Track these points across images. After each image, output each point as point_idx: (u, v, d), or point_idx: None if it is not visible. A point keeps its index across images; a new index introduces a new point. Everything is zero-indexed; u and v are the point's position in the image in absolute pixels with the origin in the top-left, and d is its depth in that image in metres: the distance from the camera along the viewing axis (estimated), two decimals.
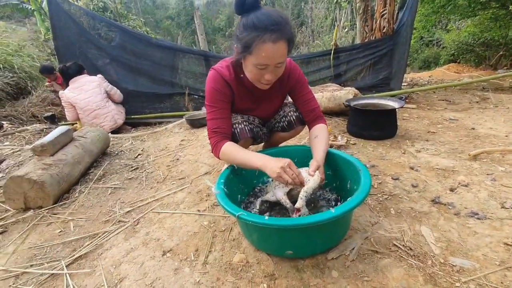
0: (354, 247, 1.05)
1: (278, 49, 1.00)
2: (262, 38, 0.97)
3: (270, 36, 0.97)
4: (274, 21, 0.98)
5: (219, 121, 1.23)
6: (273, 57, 1.02)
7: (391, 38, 3.49)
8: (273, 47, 0.99)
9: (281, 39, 0.99)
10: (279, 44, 1.00)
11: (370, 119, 2.12)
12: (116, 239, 1.28)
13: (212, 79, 1.22)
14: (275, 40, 0.98)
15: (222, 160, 1.23)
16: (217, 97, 1.22)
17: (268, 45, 0.98)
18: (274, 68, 1.07)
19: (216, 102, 1.22)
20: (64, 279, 1.07)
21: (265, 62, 1.03)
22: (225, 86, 1.22)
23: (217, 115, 1.23)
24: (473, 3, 5.68)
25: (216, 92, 1.21)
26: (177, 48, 3.90)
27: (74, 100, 3.00)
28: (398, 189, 1.43)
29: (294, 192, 1.13)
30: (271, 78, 1.10)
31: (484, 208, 1.20)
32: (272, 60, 1.03)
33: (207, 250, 1.13)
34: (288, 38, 1.02)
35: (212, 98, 1.22)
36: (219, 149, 1.19)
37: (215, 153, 1.22)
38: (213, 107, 1.22)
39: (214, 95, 1.22)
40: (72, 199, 1.70)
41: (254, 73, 1.10)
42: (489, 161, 1.63)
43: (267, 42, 0.98)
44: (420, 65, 11.28)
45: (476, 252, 0.98)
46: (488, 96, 3.54)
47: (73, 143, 1.97)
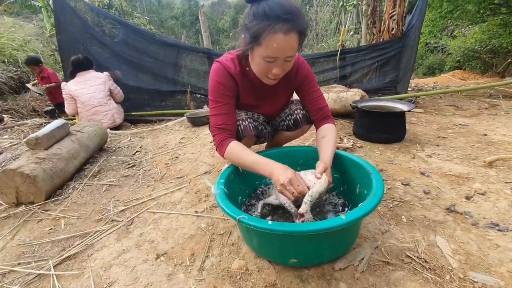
0: (363, 257, 0.96)
1: (289, 41, 0.93)
2: (273, 28, 0.90)
3: (282, 27, 0.90)
4: (287, 11, 0.90)
5: (224, 117, 1.14)
6: (284, 49, 0.94)
7: (399, 40, 3.41)
8: (284, 38, 0.91)
9: (293, 31, 0.92)
10: (290, 35, 0.92)
11: (378, 121, 2.03)
12: (108, 240, 1.20)
13: (216, 72, 1.14)
14: (287, 31, 0.91)
15: (226, 159, 1.14)
16: (222, 91, 1.14)
17: (279, 36, 0.91)
18: (283, 61, 0.99)
19: (220, 97, 1.14)
20: (51, 280, 1.00)
21: (274, 55, 0.96)
22: (230, 79, 1.14)
23: (221, 110, 1.15)
24: (482, 9, 5.59)
25: (221, 85, 1.13)
26: (181, 45, 3.85)
27: (77, 93, 2.96)
28: (409, 195, 1.34)
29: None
30: (279, 73, 1.02)
31: (505, 219, 1.11)
32: (282, 53, 0.95)
33: (204, 255, 1.05)
34: (300, 30, 0.94)
35: (216, 92, 1.14)
36: (225, 147, 1.11)
37: (220, 152, 1.13)
38: (218, 102, 1.14)
39: (219, 89, 1.14)
40: (65, 195, 1.63)
41: (261, 66, 1.02)
42: (506, 169, 1.54)
43: (278, 32, 0.90)
44: (424, 71, 11.18)
45: (499, 267, 0.89)
46: (498, 102, 3.44)
47: (69, 138, 1.90)
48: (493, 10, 5.93)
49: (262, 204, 1.14)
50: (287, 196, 0.95)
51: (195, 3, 22.96)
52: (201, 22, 5.49)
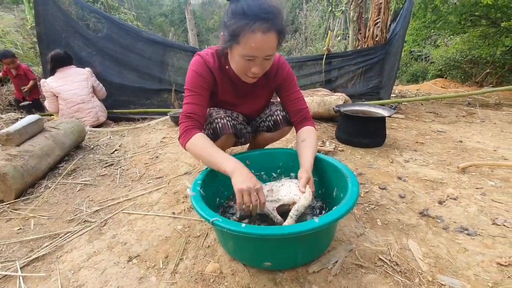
0: (337, 260, 0.97)
1: (268, 40, 0.92)
2: (251, 27, 0.89)
3: (260, 26, 0.89)
4: (265, 10, 0.90)
5: (195, 106, 1.12)
6: (262, 49, 0.94)
7: (383, 47, 3.50)
8: (263, 37, 0.91)
9: (272, 30, 0.92)
10: (269, 34, 0.92)
11: (359, 126, 2.07)
12: (79, 241, 1.16)
13: (195, 64, 1.13)
14: (266, 30, 0.90)
15: (187, 150, 1.09)
16: (198, 81, 1.12)
17: (257, 35, 0.90)
18: (262, 60, 0.99)
19: (195, 87, 1.12)
20: (17, 282, 0.96)
21: (253, 54, 0.95)
22: (208, 73, 1.13)
23: (195, 100, 1.12)
24: (463, 20, 5.83)
25: (198, 76, 1.12)
26: (168, 43, 3.78)
27: (58, 90, 2.83)
28: (385, 199, 1.37)
29: (284, 207, 1.03)
30: (258, 71, 1.02)
31: (474, 223, 1.15)
32: (261, 52, 0.95)
33: (178, 258, 1.02)
34: (279, 29, 0.94)
35: (192, 82, 1.12)
36: (189, 137, 1.06)
37: (183, 141, 1.08)
38: (192, 91, 1.12)
39: (195, 79, 1.12)
40: (36, 194, 1.56)
41: (240, 65, 1.01)
42: (478, 175, 1.59)
43: (257, 32, 0.90)
44: (408, 78, 11.52)
45: (466, 271, 0.91)
46: (474, 111, 3.58)
47: (43, 134, 1.82)
48: (473, 22, 6.19)
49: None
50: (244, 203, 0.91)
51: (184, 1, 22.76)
52: (188, 20, 5.44)
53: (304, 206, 0.97)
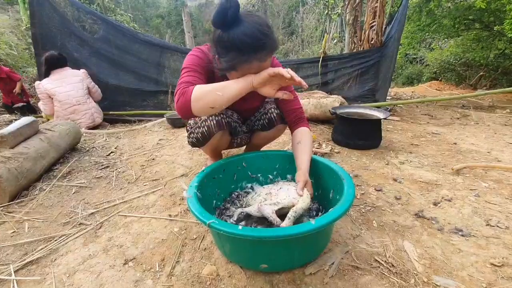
0: (334, 261, 0.98)
1: (265, 64, 0.96)
2: (248, 60, 0.92)
3: (256, 56, 0.91)
4: (257, 38, 0.89)
5: (194, 78, 1.04)
6: (260, 70, 0.96)
7: (378, 50, 3.53)
8: (260, 65, 0.94)
9: (268, 53, 0.94)
10: (267, 60, 0.96)
11: (355, 128, 2.08)
12: (74, 244, 1.15)
13: (195, 51, 1.13)
14: (261, 58, 0.93)
15: (196, 108, 0.95)
16: (198, 63, 1.09)
17: (255, 64, 0.93)
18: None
19: (194, 65, 1.08)
20: (11, 286, 0.94)
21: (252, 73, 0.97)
22: (208, 63, 1.11)
23: (193, 75, 1.05)
24: (457, 24, 5.91)
25: (198, 58, 1.10)
26: (165, 45, 3.77)
27: (53, 91, 2.80)
28: (381, 200, 1.38)
29: (284, 210, 1.02)
30: None
31: (469, 224, 1.16)
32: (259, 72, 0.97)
33: (175, 260, 1.02)
34: (273, 49, 0.95)
35: (191, 63, 1.08)
36: (190, 93, 0.94)
37: (185, 99, 0.94)
38: (191, 69, 1.06)
39: (196, 61, 1.09)
40: (30, 196, 1.54)
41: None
42: (472, 177, 1.61)
43: (254, 63, 0.93)
44: (403, 81, 11.62)
45: (461, 271, 0.92)
46: (469, 113, 3.63)
47: (38, 136, 1.80)
48: (467, 25, 6.28)
49: (239, 213, 1.10)
50: (289, 75, 0.90)
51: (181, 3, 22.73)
52: (185, 22, 5.45)
53: (303, 209, 0.97)
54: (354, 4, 3.87)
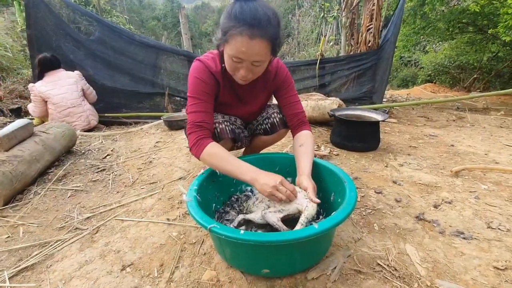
0: (336, 266, 0.96)
1: (254, 46, 0.92)
2: (238, 29, 0.90)
3: (247, 30, 0.90)
4: (256, 16, 0.89)
5: (203, 114, 1.11)
6: (248, 53, 0.94)
7: (375, 52, 3.55)
8: (249, 42, 0.91)
9: (259, 37, 0.91)
10: (256, 41, 0.91)
11: (354, 130, 2.08)
12: (70, 250, 1.12)
13: (196, 69, 1.12)
14: (253, 36, 0.90)
15: (202, 161, 1.09)
16: (202, 88, 1.11)
17: (244, 38, 0.91)
18: (250, 65, 0.99)
19: (200, 94, 1.11)
20: None
21: (238, 55, 0.95)
22: (211, 77, 1.13)
23: (201, 107, 1.11)
24: (451, 27, 5.97)
25: (201, 82, 1.11)
26: (161, 47, 3.75)
27: (47, 94, 2.75)
28: (382, 203, 1.37)
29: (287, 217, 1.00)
30: (245, 75, 1.02)
31: (470, 227, 1.16)
32: (247, 56, 0.95)
33: (174, 266, 1.00)
34: (269, 38, 0.93)
35: (196, 89, 1.11)
36: (203, 147, 1.06)
37: (197, 151, 1.08)
38: (197, 99, 1.11)
39: (199, 85, 1.11)
40: (25, 200, 1.50)
41: (229, 64, 1.02)
42: (471, 178, 1.62)
43: (244, 35, 0.90)
44: (399, 83, 11.72)
45: (464, 275, 0.92)
46: (464, 115, 3.66)
47: (33, 139, 1.77)
48: (461, 29, 6.34)
49: (241, 219, 1.06)
50: (280, 199, 0.95)
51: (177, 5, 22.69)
52: (182, 24, 5.43)
53: (312, 215, 0.96)
54: (350, 7, 3.89)
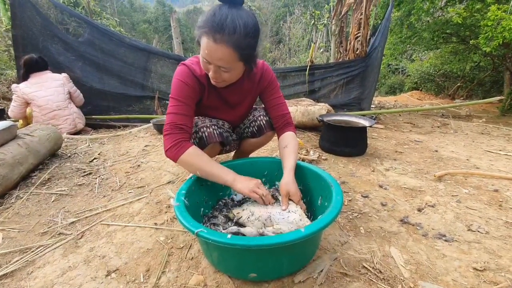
0: (322, 269, 0.97)
1: (217, 50, 0.93)
2: (206, 33, 0.92)
3: (214, 35, 0.91)
4: (222, 24, 0.90)
5: (185, 117, 1.10)
6: (212, 56, 0.95)
7: (363, 60, 3.63)
8: (213, 45, 0.92)
9: (224, 43, 0.91)
10: (220, 46, 0.92)
11: (342, 135, 2.12)
12: (53, 255, 1.09)
13: (181, 73, 1.12)
14: (217, 40, 0.91)
15: (180, 163, 1.08)
16: (186, 91, 1.11)
17: (209, 40, 0.92)
18: (217, 68, 1.00)
19: (182, 96, 1.11)
20: None
21: (205, 57, 0.97)
22: (195, 81, 1.13)
23: (183, 110, 1.10)
24: (436, 37, 6.17)
25: (185, 85, 1.11)
26: (152, 50, 3.73)
27: (32, 96, 2.67)
28: (368, 207, 1.40)
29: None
30: (213, 76, 1.03)
31: (451, 230, 1.20)
32: (211, 58, 0.96)
33: (160, 271, 0.99)
34: (233, 46, 0.92)
35: (179, 92, 1.11)
36: (183, 150, 1.06)
37: (175, 154, 1.06)
38: (179, 101, 1.10)
39: (183, 88, 1.11)
40: (6, 205, 1.46)
41: (202, 64, 1.04)
42: (453, 183, 1.67)
43: (209, 37, 0.92)
44: (386, 90, 12.01)
45: (445, 276, 0.94)
46: (448, 122, 3.78)
47: (16, 141, 1.72)
48: (445, 39, 6.57)
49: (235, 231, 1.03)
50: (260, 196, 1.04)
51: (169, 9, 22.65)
52: (173, 28, 5.42)
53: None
54: (340, 16, 3.99)
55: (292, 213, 1.02)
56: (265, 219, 1.05)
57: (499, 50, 4.97)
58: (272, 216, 1.04)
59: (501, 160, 2.12)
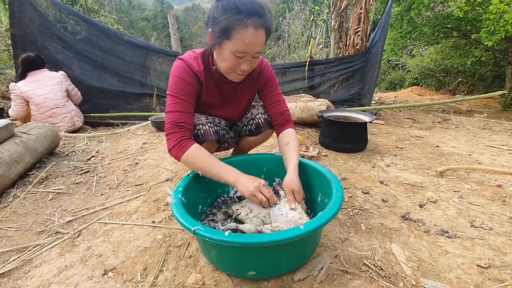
0: (322, 266, 0.96)
1: (259, 36, 0.94)
2: (245, 22, 0.90)
3: (253, 21, 0.90)
4: (257, 6, 0.91)
5: (185, 115, 1.09)
6: (254, 45, 0.94)
7: (363, 55, 3.60)
8: (255, 33, 0.92)
9: (263, 27, 0.93)
10: (260, 31, 0.93)
11: (342, 131, 2.10)
12: (49, 254, 1.08)
13: (178, 69, 1.10)
14: (258, 26, 0.92)
15: (183, 162, 1.07)
16: (184, 87, 1.09)
17: (250, 30, 0.91)
18: (251, 58, 0.99)
19: (182, 93, 1.09)
20: None
21: (245, 49, 0.95)
22: (193, 77, 1.11)
23: (182, 107, 1.09)
24: (436, 32, 6.11)
25: (183, 82, 1.09)
26: (150, 47, 3.70)
27: (30, 94, 2.65)
28: (369, 203, 1.38)
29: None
30: (248, 69, 1.02)
31: (454, 226, 1.18)
32: (252, 48, 0.95)
33: (158, 269, 0.97)
34: (267, 27, 0.95)
35: (177, 88, 1.09)
36: (185, 149, 1.04)
37: (178, 153, 1.05)
38: (178, 98, 1.08)
39: (181, 85, 1.09)
40: (3, 204, 1.45)
41: (230, 61, 1.00)
42: (455, 178, 1.65)
43: (250, 27, 0.91)
44: (387, 86, 11.96)
45: (448, 273, 0.93)
46: (449, 117, 3.75)
47: (13, 140, 1.70)
48: (446, 34, 6.51)
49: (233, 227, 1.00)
50: (261, 200, 0.99)
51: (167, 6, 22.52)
52: (170, 24, 5.37)
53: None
54: (339, 10, 3.94)
55: (291, 211, 1.01)
56: (263, 216, 1.03)
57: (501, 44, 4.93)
58: (271, 213, 1.02)
59: (503, 155, 2.10)
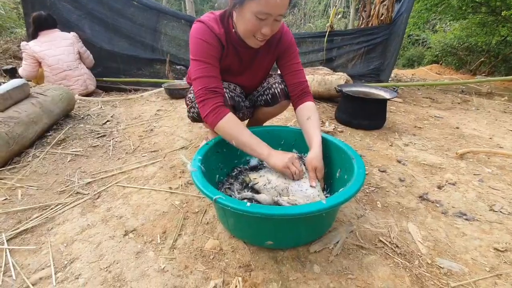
0: (338, 240, 0.97)
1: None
2: None
3: None
4: None
5: (214, 80, 1.04)
6: (278, 6, 0.88)
7: (388, 27, 3.38)
8: None
9: None
10: None
11: (361, 107, 2.03)
12: (71, 213, 1.11)
13: (199, 31, 1.04)
14: None
15: (217, 130, 1.04)
16: (209, 50, 1.04)
17: None
18: (273, 21, 0.94)
19: (207, 57, 1.04)
20: (3, 255, 0.91)
21: (268, 11, 0.89)
22: (216, 40, 1.05)
23: (211, 72, 1.04)
24: (464, 6, 5.69)
25: (207, 44, 1.03)
26: (162, 9, 3.54)
27: (42, 55, 2.59)
28: (385, 182, 1.36)
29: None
30: (268, 33, 0.97)
31: (472, 209, 1.16)
32: (276, 9, 0.89)
33: (176, 233, 1.00)
34: None
35: (201, 52, 1.03)
36: (221, 116, 1.01)
37: (214, 120, 1.02)
38: (204, 62, 1.03)
39: (204, 48, 1.03)
40: (23, 163, 1.48)
41: (252, 24, 0.94)
42: (476, 162, 1.61)
43: None
44: (404, 63, 11.43)
45: (464, 255, 0.93)
46: (469, 98, 3.60)
47: (30, 100, 1.70)
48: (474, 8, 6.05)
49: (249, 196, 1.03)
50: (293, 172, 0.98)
51: None
52: None
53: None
54: None
55: (311, 188, 1.00)
56: (281, 189, 1.03)
57: None
58: (290, 187, 1.01)
59: None
